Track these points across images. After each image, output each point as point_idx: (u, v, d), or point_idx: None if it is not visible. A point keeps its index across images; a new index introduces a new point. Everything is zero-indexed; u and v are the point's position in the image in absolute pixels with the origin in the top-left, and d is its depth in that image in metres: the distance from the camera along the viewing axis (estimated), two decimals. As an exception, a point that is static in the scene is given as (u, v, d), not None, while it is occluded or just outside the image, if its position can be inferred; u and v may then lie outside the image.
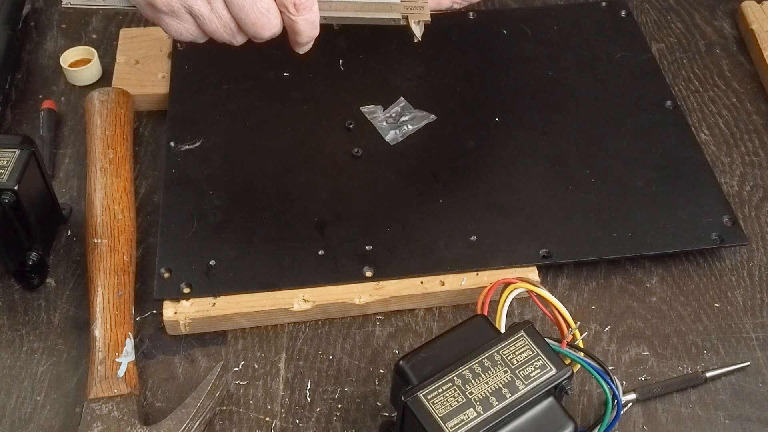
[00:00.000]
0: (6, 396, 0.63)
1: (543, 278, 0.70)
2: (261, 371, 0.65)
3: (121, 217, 0.70)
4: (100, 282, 0.66)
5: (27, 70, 0.86)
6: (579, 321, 0.68)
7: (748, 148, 0.81)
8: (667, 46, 0.90)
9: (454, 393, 0.51)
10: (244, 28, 0.61)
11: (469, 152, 0.77)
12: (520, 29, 0.88)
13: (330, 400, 0.64)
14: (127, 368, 0.62)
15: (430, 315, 0.69)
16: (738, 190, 0.77)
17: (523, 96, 0.81)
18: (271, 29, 0.61)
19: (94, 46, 0.86)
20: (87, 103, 0.78)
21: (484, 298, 0.61)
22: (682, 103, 0.84)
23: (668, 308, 0.69)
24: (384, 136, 0.77)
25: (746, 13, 0.90)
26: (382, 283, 0.68)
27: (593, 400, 0.64)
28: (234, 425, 0.62)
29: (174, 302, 0.66)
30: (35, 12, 0.92)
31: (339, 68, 0.83)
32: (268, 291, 0.67)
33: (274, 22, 0.61)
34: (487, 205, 0.72)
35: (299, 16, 0.61)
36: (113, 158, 0.73)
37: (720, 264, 0.72)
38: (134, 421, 0.59)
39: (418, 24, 0.64)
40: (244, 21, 0.60)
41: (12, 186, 0.63)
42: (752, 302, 0.70)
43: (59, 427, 0.62)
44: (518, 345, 0.54)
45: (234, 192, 0.73)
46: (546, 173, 0.75)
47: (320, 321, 0.68)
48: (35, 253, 0.67)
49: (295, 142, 0.77)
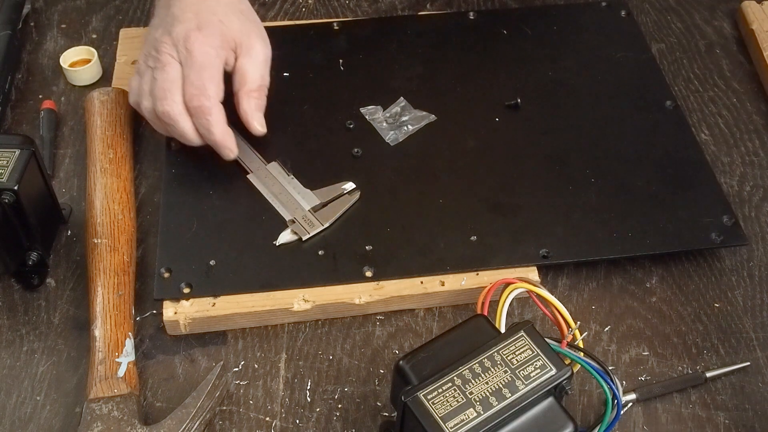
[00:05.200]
0: (6, 396, 0.63)
1: (543, 278, 0.70)
2: (261, 371, 0.65)
3: (121, 217, 0.70)
4: (100, 282, 0.66)
5: (27, 70, 0.86)
6: (579, 321, 0.68)
7: (748, 148, 0.81)
8: (667, 46, 0.90)
9: (454, 393, 0.51)
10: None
11: (469, 152, 0.77)
12: (520, 29, 0.88)
13: (330, 400, 0.64)
14: (127, 368, 0.62)
15: (430, 315, 0.69)
16: (738, 190, 0.77)
17: (523, 96, 0.81)
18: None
19: (94, 46, 0.86)
20: (87, 103, 0.78)
21: (484, 298, 0.61)
22: (682, 103, 0.84)
23: (668, 308, 0.69)
24: (384, 136, 0.77)
25: (746, 13, 0.90)
26: (382, 283, 0.68)
27: (593, 400, 0.64)
28: (234, 425, 0.62)
29: (174, 302, 0.66)
30: (35, 12, 0.92)
31: (339, 68, 0.83)
32: (268, 291, 0.67)
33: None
34: (487, 205, 0.72)
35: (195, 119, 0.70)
36: (113, 158, 0.73)
37: (720, 264, 0.72)
38: (134, 421, 0.59)
39: (293, 233, 0.70)
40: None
41: (12, 186, 0.63)
42: (752, 302, 0.70)
43: (59, 427, 0.62)
44: (518, 345, 0.54)
45: (234, 192, 0.73)
46: (546, 173, 0.75)
47: (320, 321, 0.68)
48: (35, 253, 0.67)
49: (296, 142, 0.77)
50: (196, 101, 0.69)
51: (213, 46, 0.70)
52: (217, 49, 0.70)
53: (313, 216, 0.71)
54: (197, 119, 0.70)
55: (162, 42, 0.70)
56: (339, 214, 0.71)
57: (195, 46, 0.69)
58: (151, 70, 0.70)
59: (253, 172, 0.74)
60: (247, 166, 0.74)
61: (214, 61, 0.70)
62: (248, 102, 0.72)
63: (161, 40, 0.70)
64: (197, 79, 0.69)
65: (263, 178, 0.73)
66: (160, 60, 0.69)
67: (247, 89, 0.72)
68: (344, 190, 0.73)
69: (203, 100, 0.69)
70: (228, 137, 0.71)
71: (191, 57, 0.69)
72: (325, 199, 0.72)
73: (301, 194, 0.72)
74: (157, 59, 0.70)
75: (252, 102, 0.73)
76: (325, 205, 0.71)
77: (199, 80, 0.69)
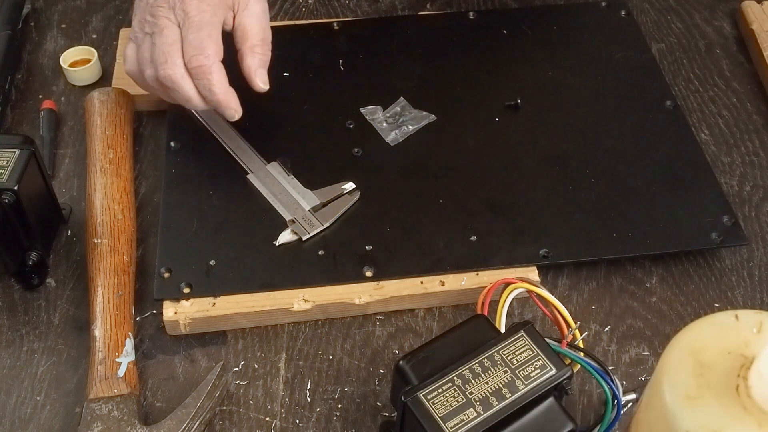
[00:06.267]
0: (6, 396, 0.63)
1: (543, 278, 0.70)
2: (261, 371, 0.65)
3: (121, 217, 0.70)
4: (100, 282, 0.66)
5: (27, 70, 0.86)
6: (579, 321, 0.68)
7: (748, 148, 0.81)
8: (667, 46, 0.90)
9: (454, 393, 0.51)
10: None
11: (469, 152, 0.77)
12: (520, 29, 0.88)
13: (330, 400, 0.64)
14: (127, 368, 0.62)
15: (430, 315, 0.69)
16: (738, 190, 0.77)
17: (523, 96, 0.81)
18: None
19: (94, 46, 0.86)
20: (87, 103, 0.78)
21: (484, 298, 0.61)
22: (682, 103, 0.84)
23: (668, 308, 0.69)
24: (384, 136, 0.77)
25: (746, 13, 0.90)
26: (382, 283, 0.68)
27: (593, 400, 0.64)
28: (234, 425, 0.62)
29: (174, 302, 0.66)
30: (35, 12, 0.92)
31: (339, 68, 0.83)
32: (268, 291, 0.67)
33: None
34: (487, 205, 0.72)
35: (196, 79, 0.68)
36: (113, 158, 0.73)
37: (720, 264, 0.72)
38: (134, 421, 0.59)
39: (293, 233, 0.69)
40: None
41: (12, 186, 0.63)
42: (752, 302, 0.70)
43: (59, 427, 0.62)
44: (518, 345, 0.54)
45: (234, 192, 0.73)
46: (546, 173, 0.75)
47: (320, 321, 0.68)
48: (35, 253, 0.67)
49: (296, 142, 0.77)
50: (195, 61, 0.67)
51: (210, 4, 0.68)
52: (214, 8, 0.69)
53: (313, 216, 0.71)
54: (198, 80, 0.68)
55: (157, 6, 0.68)
56: (339, 214, 0.71)
57: (192, 7, 0.68)
58: (149, 36, 0.69)
59: (253, 172, 0.74)
60: (247, 166, 0.74)
61: (212, 19, 0.68)
62: (252, 58, 0.71)
63: (156, 4, 0.68)
64: (195, 39, 0.67)
65: (263, 178, 0.73)
66: (158, 24, 0.68)
67: (250, 44, 0.71)
68: (344, 190, 0.73)
69: (203, 59, 0.67)
70: (231, 97, 0.69)
71: (188, 18, 0.67)
72: (325, 199, 0.72)
73: (301, 194, 0.72)
74: (155, 24, 0.68)
75: (256, 58, 0.71)
76: (325, 205, 0.71)
77: (198, 40, 0.67)
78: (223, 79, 0.68)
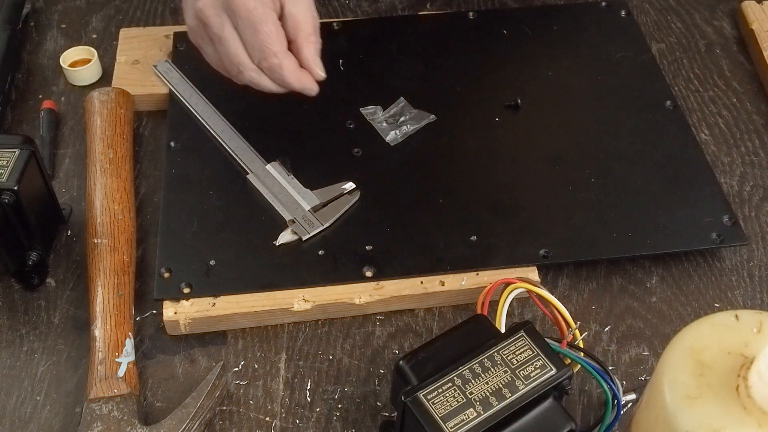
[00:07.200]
0: (6, 396, 0.63)
1: (543, 278, 0.70)
2: (261, 371, 0.65)
3: (121, 217, 0.70)
4: (100, 282, 0.66)
5: (27, 70, 0.86)
6: (579, 321, 0.68)
7: (748, 148, 0.81)
8: (667, 46, 0.90)
9: (454, 393, 0.51)
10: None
11: (468, 152, 0.77)
12: (520, 29, 0.88)
13: (330, 400, 0.64)
14: (127, 368, 0.62)
15: (430, 315, 0.69)
16: (738, 190, 0.77)
17: (523, 96, 0.81)
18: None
19: (94, 46, 0.86)
20: (87, 103, 0.78)
21: (484, 298, 0.61)
22: (682, 103, 0.84)
23: (668, 308, 0.69)
24: (384, 136, 0.77)
25: (746, 13, 0.90)
26: (382, 283, 0.68)
27: (593, 400, 0.64)
28: (234, 425, 0.62)
29: (174, 302, 0.66)
30: (35, 12, 0.92)
31: (339, 68, 0.83)
32: (268, 291, 0.67)
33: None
34: (487, 205, 0.72)
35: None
36: (113, 158, 0.73)
37: (720, 264, 0.72)
38: (134, 421, 0.59)
39: (293, 233, 0.69)
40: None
41: (12, 186, 0.63)
42: (752, 302, 0.70)
43: (59, 427, 0.62)
44: (518, 345, 0.54)
45: (234, 192, 0.73)
46: (546, 173, 0.75)
47: (320, 321, 0.68)
48: (35, 253, 0.67)
49: (296, 142, 0.77)
50: (264, 63, 0.68)
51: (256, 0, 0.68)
52: (261, 1, 0.68)
53: (313, 216, 0.71)
54: (271, 76, 0.69)
55: (205, 13, 0.68)
56: (339, 214, 0.71)
57: (240, 6, 0.67)
58: (211, 45, 0.70)
59: (253, 172, 0.74)
60: (247, 166, 0.74)
61: (266, 13, 0.68)
62: (308, 48, 0.70)
63: (203, 9, 0.68)
64: (255, 40, 0.67)
65: (263, 178, 0.73)
66: (214, 33, 0.69)
67: (305, 34, 0.70)
68: (344, 190, 0.73)
69: (271, 59, 0.67)
70: (305, 80, 0.70)
71: (240, 19, 0.67)
72: (325, 199, 0.72)
73: (301, 194, 0.72)
74: (211, 32, 0.69)
75: (312, 48, 0.70)
76: (325, 205, 0.71)
77: (257, 41, 0.67)
78: (295, 68, 0.69)
